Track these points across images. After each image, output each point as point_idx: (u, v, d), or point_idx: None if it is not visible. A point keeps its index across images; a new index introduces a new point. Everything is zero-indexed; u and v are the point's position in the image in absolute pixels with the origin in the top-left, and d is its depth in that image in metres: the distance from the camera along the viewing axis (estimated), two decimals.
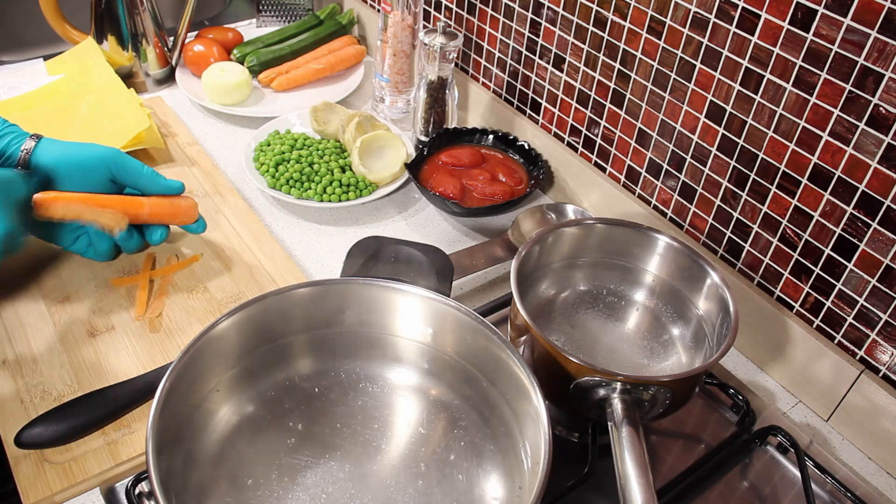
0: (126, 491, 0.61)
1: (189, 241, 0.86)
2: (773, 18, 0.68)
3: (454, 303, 0.63)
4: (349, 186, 0.95)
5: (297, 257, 0.88)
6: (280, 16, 1.33)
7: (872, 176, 0.65)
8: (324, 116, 1.04)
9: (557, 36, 0.92)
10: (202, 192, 0.94)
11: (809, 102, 0.68)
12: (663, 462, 0.69)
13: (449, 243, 0.92)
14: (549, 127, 1.00)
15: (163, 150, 1.01)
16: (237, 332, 0.61)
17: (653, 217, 0.88)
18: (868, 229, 0.67)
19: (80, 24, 1.14)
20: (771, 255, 0.76)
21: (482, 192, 0.94)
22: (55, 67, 1.10)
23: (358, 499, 0.58)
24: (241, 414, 0.62)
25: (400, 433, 0.63)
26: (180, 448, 0.56)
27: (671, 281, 0.73)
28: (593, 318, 0.75)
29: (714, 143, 0.78)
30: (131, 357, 0.72)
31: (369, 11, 1.28)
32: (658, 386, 0.60)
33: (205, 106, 1.11)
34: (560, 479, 0.64)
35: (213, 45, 1.18)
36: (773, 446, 0.71)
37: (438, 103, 1.01)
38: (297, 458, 0.60)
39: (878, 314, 0.69)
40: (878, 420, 0.71)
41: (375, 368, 0.67)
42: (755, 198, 0.76)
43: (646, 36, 0.81)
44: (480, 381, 0.64)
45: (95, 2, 1.10)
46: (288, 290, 0.63)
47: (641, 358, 0.72)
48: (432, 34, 0.96)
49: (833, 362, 0.73)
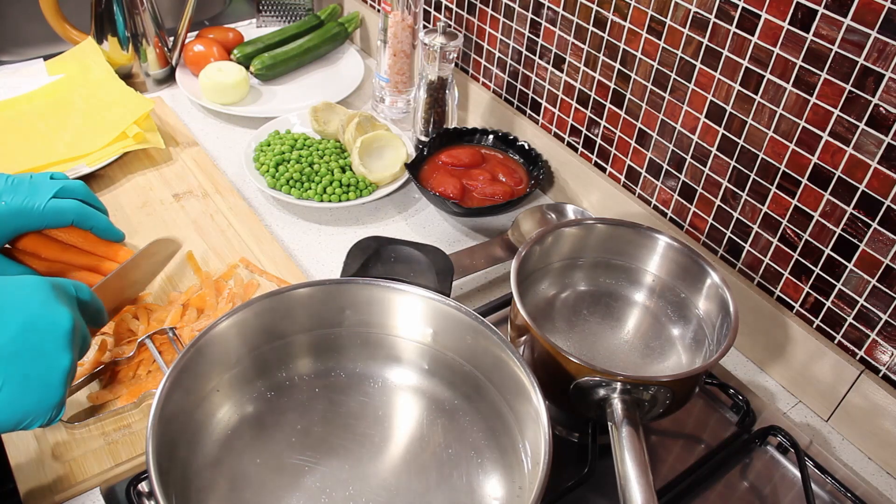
0: (126, 491, 0.61)
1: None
2: (773, 18, 0.68)
3: (454, 303, 0.63)
4: (349, 186, 0.95)
5: (297, 257, 0.88)
6: (280, 16, 1.33)
7: (872, 176, 0.65)
8: (324, 116, 1.04)
9: (557, 36, 0.92)
10: (202, 193, 0.94)
11: (809, 102, 0.68)
12: (663, 462, 0.69)
13: (449, 243, 0.92)
14: (549, 127, 1.00)
15: (163, 150, 1.01)
16: (237, 332, 0.61)
17: (653, 217, 0.88)
18: (868, 229, 0.67)
19: (80, 24, 1.14)
20: (771, 256, 0.76)
21: (482, 192, 0.94)
22: (55, 67, 1.10)
23: (358, 499, 0.58)
24: (241, 414, 0.62)
25: (400, 433, 0.63)
26: (180, 448, 0.56)
27: (671, 281, 0.73)
28: (593, 318, 0.75)
29: (714, 143, 0.78)
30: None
31: (369, 11, 1.28)
32: (658, 386, 0.60)
33: (205, 106, 1.11)
34: (560, 479, 0.64)
35: (214, 45, 1.18)
36: (773, 446, 0.71)
37: (438, 103, 1.01)
38: (297, 458, 0.60)
39: (878, 314, 0.69)
40: (878, 420, 0.71)
41: (375, 368, 0.67)
42: (755, 198, 0.76)
43: (646, 36, 0.81)
44: (480, 381, 0.64)
45: (95, 2, 1.10)
46: (288, 290, 0.63)
47: (641, 358, 0.72)
48: (432, 34, 0.96)
49: (833, 362, 0.73)
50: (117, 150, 0.97)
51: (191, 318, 0.76)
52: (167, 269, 0.82)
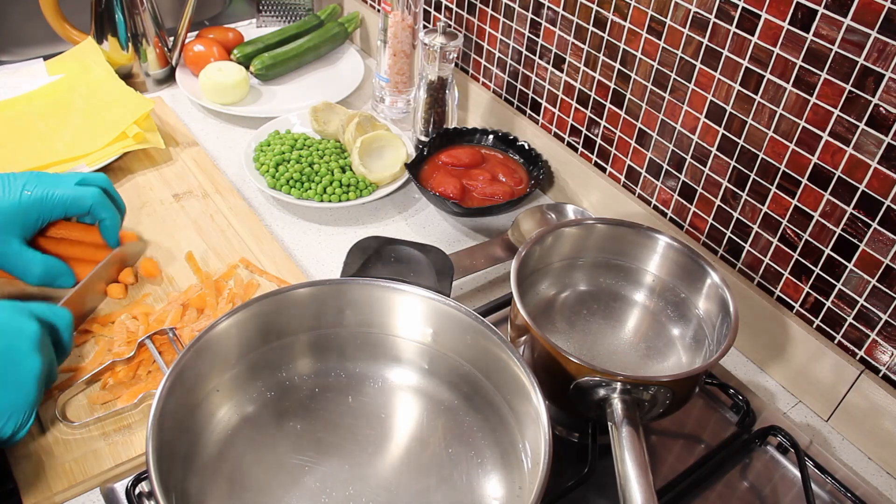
0: (126, 491, 0.61)
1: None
2: (773, 18, 0.68)
3: (454, 303, 0.63)
4: (349, 186, 0.95)
5: (297, 257, 0.88)
6: (280, 16, 1.33)
7: (872, 176, 0.65)
8: (324, 116, 1.04)
9: (557, 36, 0.92)
10: (202, 193, 0.94)
11: (809, 102, 0.68)
12: (663, 462, 0.69)
13: (449, 243, 0.92)
14: (549, 127, 1.00)
15: (163, 150, 1.01)
16: (237, 332, 0.61)
17: (653, 217, 0.88)
18: (868, 229, 0.67)
19: (80, 24, 1.14)
20: (771, 256, 0.76)
21: (482, 192, 0.94)
22: (55, 67, 1.10)
23: (358, 499, 0.58)
24: (241, 414, 0.62)
25: (400, 433, 0.63)
26: (180, 448, 0.56)
27: (671, 281, 0.73)
28: (593, 318, 0.75)
29: (714, 143, 0.78)
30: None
31: (369, 11, 1.28)
32: (658, 386, 0.60)
33: (205, 106, 1.11)
34: (560, 479, 0.64)
35: (214, 45, 1.18)
36: (773, 446, 0.71)
37: (438, 103, 1.01)
38: (297, 458, 0.60)
39: (878, 314, 0.69)
40: (878, 420, 0.71)
41: (375, 368, 0.67)
42: (755, 198, 0.76)
43: (646, 36, 0.81)
44: (480, 381, 0.64)
45: (95, 2, 1.10)
46: (288, 290, 0.63)
47: (641, 358, 0.72)
48: (432, 34, 0.96)
49: (833, 362, 0.73)
50: (117, 150, 0.97)
51: (191, 318, 0.76)
52: (167, 270, 0.82)
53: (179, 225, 0.89)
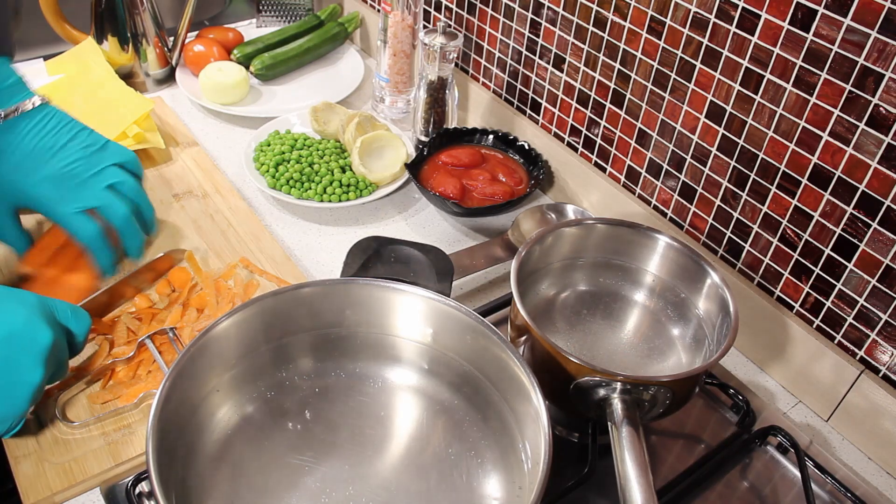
0: (126, 491, 0.61)
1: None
2: (773, 18, 0.68)
3: (454, 303, 0.63)
4: (349, 186, 0.95)
5: (297, 257, 0.88)
6: (280, 16, 1.33)
7: (872, 176, 0.65)
8: (324, 116, 1.04)
9: (557, 36, 0.92)
10: (202, 193, 0.94)
11: (809, 102, 0.68)
12: (663, 462, 0.69)
13: (449, 243, 0.92)
14: (549, 127, 1.00)
15: (163, 150, 1.01)
16: (237, 332, 0.61)
17: (653, 217, 0.88)
18: (868, 229, 0.67)
19: (80, 24, 1.14)
20: (771, 255, 0.76)
21: (482, 192, 0.94)
22: (55, 67, 1.10)
23: (358, 499, 0.58)
24: (241, 414, 0.62)
25: (400, 433, 0.63)
26: (180, 448, 0.56)
27: (671, 281, 0.73)
28: (593, 318, 0.75)
29: (714, 143, 0.78)
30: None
31: (369, 11, 1.28)
32: (658, 386, 0.60)
33: (205, 106, 1.11)
34: (560, 479, 0.64)
35: (214, 45, 1.18)
36: (773, 446, 0.71)
37: (438, 103, 1.01)
38: (297, 458, 0.60)
39: (878, 314, 0.69)
40: (878, 420, 0.71)
41: (375, 368, 0.67)
42: (755, 198, 0.76)
43: (646, 36, 0.81)
44: (480, 381, 0.64)
45: (95, 2, 1.10)
46: (288, 290, 0.63)
47: (641, 358, 0.72)
48: (432, 34, 0.96)
49: (833, 362, 0.73)
50: None
51: (191, 318, 0.76)
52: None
53: (179, 225, 0.89)
